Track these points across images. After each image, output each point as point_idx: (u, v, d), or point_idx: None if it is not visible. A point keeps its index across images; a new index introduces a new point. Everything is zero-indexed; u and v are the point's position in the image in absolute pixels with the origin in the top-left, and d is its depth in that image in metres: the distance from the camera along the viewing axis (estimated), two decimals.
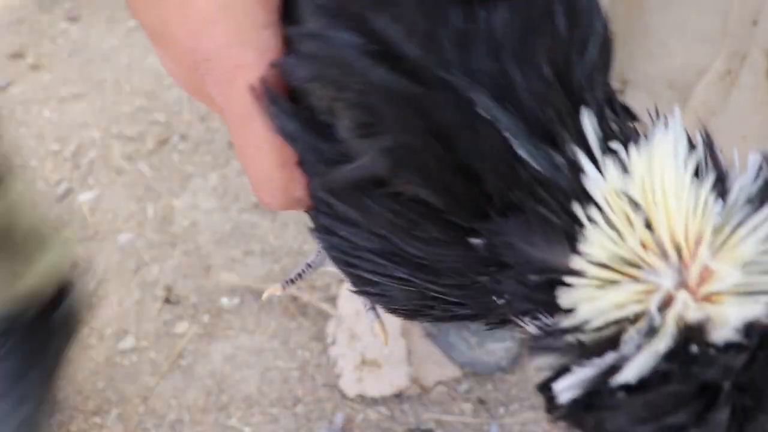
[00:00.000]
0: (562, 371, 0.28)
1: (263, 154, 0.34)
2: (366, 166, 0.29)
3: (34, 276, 1.07)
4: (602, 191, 0.28)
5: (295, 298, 1.44)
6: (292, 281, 0.50)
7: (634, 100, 1.69)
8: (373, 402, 1.26)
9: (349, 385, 1.27)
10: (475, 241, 0.29)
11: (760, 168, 0.30)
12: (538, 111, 0.29)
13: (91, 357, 1.36)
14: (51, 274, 1.10)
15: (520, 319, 0.31)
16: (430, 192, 0.29)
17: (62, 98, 1.92)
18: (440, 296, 0.33)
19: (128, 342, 1.38)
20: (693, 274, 0.27)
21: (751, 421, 0.27)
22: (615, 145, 0.30)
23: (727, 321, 0.26)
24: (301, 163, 0.34)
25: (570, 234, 0.28)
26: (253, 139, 0.34)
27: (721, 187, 0.29)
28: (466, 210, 0.29)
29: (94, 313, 1.44)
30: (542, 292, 0.28)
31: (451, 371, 1.29)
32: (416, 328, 1.36)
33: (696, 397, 0.26)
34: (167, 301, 1.44)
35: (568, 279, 0.28)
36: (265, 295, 0.50)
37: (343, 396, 1.26)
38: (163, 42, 0.35)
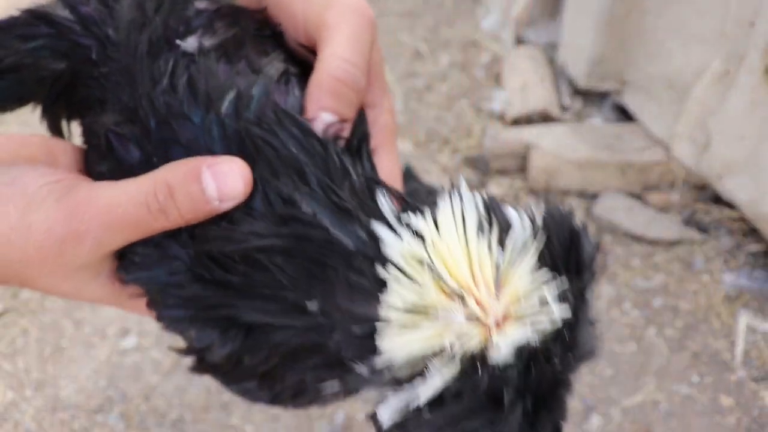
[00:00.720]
0: (383, 401, 0.35)
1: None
2: None
3: None
4: (400, 253, 0.35)
5: None
6: None
7: (633, 100, 1.70)
8: None
9: None
10: (312, 306, 0.37)
11: (531, 219, 0.37)
12: (347, 203, 0.37)
13: (93, 355, 1.37)
14: None
15: (355, 363, 0.36)
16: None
17: None
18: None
19: (130, 341, 1.39)
20: (478, 311, 0.34)
21: (538, 420, 0.35)
22: (408, 216, 0.37)
23: (503, 346, 0.33)
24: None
25: (377, 291, 0.35)
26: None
27: (503, 238, 0.36)
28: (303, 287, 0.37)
29: (97, 313, 1.45)
30: (366, 338, 0.35)
31: None
32: None
33: (486, 406, 0.34)
34: None
35: (380, 326, 0.35)
36: None
37: None
38: None
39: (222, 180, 0.38)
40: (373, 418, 0.36)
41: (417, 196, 0.41)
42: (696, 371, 1.30)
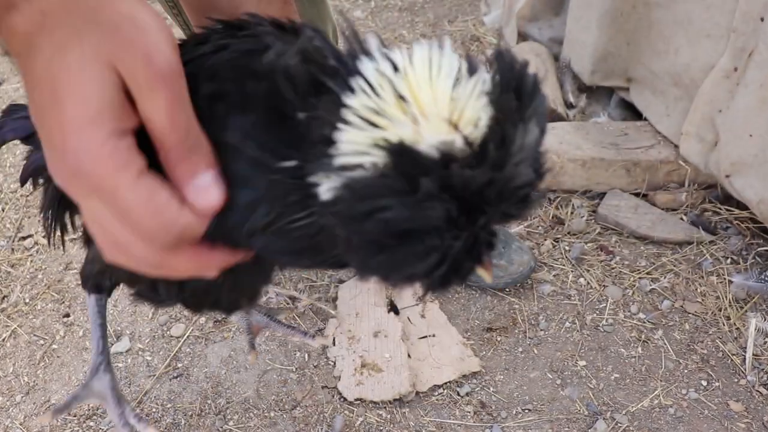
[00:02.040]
0: (325, 182, 0.43)
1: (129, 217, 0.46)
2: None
3: None
4: (371, 71, 0.43)
5: (293, 299, 1.41)
6: (60, 410, 0.66)
7: (639, 97, 1.67)
8: (373, 405, 1.23)
9: (349, 388, 1.24)
10: (300, 115, 0.45)
11: (495, 65, 0.43)
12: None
13: (85, 359, 1.33)
14: None
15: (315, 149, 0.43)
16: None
17: None
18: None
19: (123, 344, 1.35)
20: (421, 117, 0.41)
21: (461, 224, 0.42)
22: (389, 51, 0.44)
23: (430, 142, 0.40)
24: None
25: (345, 97, 0.42)
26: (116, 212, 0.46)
27: (465, 78, 0.42)
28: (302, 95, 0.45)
29: (88, 315, 1.42)
30: (326, 132, 0.43)
31: (452, 374, 1.27)
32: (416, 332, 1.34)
33: (404, 190, 0.40)
34: None
35: (341, 126, 0.42)
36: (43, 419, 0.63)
37: (343, 399, 1.24)
38: (46, 147, 0.45)
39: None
40: (322, 200, 0.43)
41: None
42: (704, 375, 1.26)
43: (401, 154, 0.40)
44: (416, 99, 0.41)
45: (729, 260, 1.44)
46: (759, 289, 1.37)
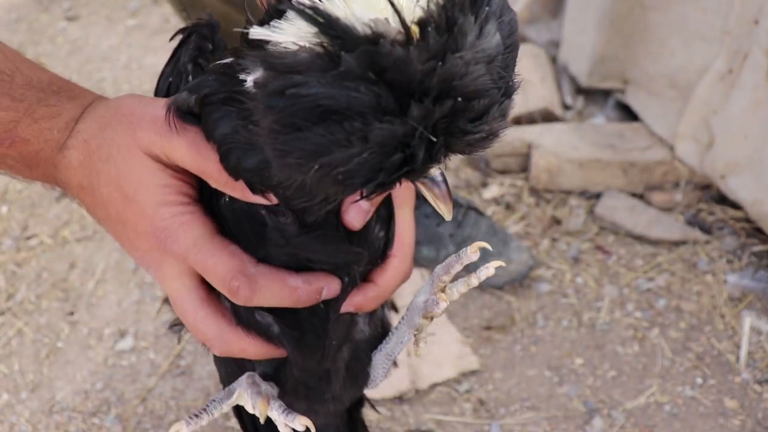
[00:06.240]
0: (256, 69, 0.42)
1: (187, 319, 0.60)
2: None
3: None
4: None
5: None
6: (196, 416, 0.60)
7: (636, 99, 1.69)
8: (373, 402, 1.25)
9: None
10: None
11: None
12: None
13: (89, 357, 1.35)
14: None
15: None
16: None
17: None
18: None
19: (127, 342, 1.37)
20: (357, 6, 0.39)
21: (388, 112, 0.38)
22: None
23: (360, 18, 0.37)
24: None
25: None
26: (181, 312, 0.60)
27: None
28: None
29: (93, 314, 1.44)
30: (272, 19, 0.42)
31: (451, 372, 1.28)
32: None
33: (325, 66, 0.37)
34: (166, 301, 1.44)
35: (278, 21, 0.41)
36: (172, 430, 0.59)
37: None
38: (130, 243, 0.57)
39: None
40: (248, 88, 0.43)
41: None
42: (700, 373, 1.28)
43: (325, 27, 0.37)
44: None
45: (724, 260, 1.46)
46: (753, 288, 1.39)
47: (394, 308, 0.77)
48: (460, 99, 0.38)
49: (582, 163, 1.58)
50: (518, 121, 1.76)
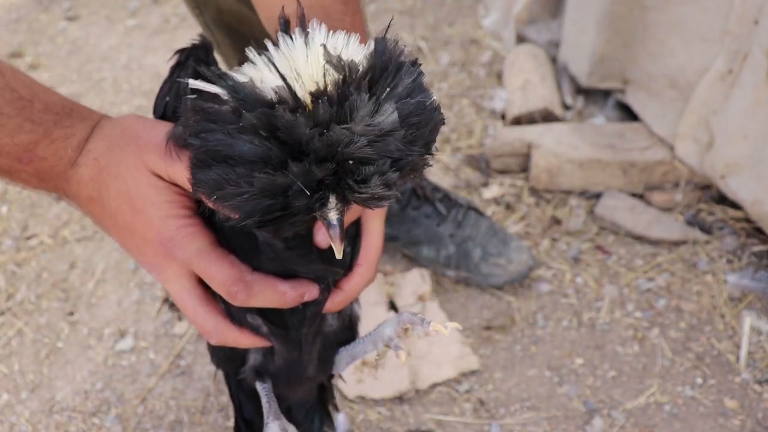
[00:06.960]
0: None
1: (187, 314, 0.68)
2: None
3: None
4: (268, 56, 0.50)
5: None
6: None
7: (636, 99, 1.69)
8: (373, 402, 1.25)
9: (349, 385, 1.26)
10: None
11: (377, 50, 0.48)
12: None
13: (89, 357, 1.35)
14: None
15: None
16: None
17: None
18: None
19: (127, 342, 1.37)
20: (288, 72, 0.47)
21: (280, 165, 0.46)
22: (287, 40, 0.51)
23: (268, 85, 0.47)
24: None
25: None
26: (182, 308, 0.68)
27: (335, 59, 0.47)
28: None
29: (93, 314, 1.44)
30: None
31: (451, 372, 1.28)
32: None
33: (232, 119, 0.46)
34: (166, 301, 1.44)
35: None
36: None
37: (343, 396, 1.26)
38: (138, 251, 0.65)
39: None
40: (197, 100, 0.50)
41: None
42: (700, 373, 1.28)
43: (237, 90, 0.47)
44: (291, 59, 0.48)
45: (724, 260, 1.46)
46: (753, 288, 1.39)
47: (394, 309, 0.87)
48: (349, 162, 0.45)
49: (582, 163, 1.58)
50: (518, 121, 1.76)
